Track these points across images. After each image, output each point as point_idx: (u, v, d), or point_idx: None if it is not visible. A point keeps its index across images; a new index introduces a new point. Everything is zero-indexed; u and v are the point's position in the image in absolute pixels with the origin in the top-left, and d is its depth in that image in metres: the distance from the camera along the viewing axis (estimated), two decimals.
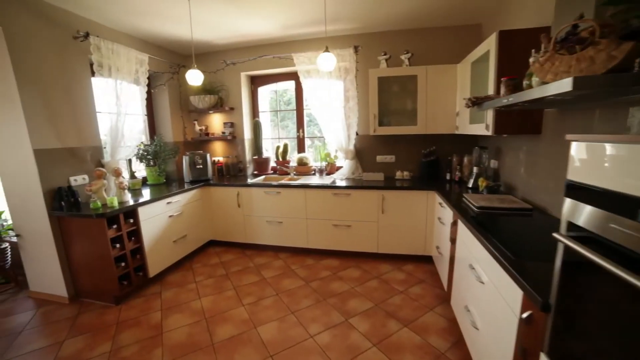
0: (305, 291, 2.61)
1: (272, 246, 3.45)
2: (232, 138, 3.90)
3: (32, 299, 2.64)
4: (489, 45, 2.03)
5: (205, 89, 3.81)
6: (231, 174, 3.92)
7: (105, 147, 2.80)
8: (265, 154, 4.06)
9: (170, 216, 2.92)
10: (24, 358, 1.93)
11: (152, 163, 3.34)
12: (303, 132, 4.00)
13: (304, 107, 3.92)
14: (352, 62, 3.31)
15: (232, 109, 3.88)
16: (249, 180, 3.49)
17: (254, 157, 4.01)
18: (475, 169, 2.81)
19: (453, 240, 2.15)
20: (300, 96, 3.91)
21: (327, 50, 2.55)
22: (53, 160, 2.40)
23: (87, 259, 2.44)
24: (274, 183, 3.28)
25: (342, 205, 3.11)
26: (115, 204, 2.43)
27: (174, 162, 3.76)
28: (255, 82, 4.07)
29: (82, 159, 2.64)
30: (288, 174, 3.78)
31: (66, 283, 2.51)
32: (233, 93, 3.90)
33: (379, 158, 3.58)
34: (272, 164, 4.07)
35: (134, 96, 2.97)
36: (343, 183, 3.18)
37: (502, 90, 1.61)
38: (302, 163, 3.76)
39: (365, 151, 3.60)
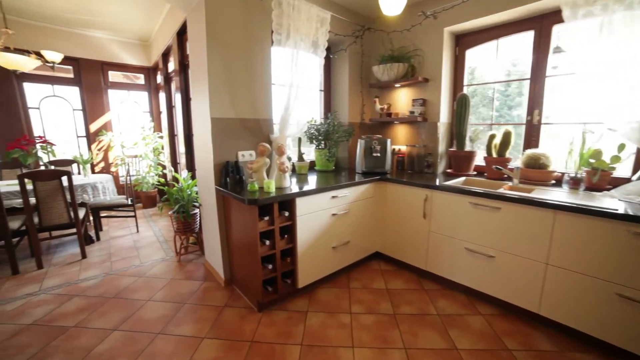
0: None
1: (467, 288, 2.20)
2: (422, 120, 2.85)
3: (205, 268, 2.68)
4: None
5: (393, 56, 2.93)
6: (415, 170, 2.89)
7: (275, 123, 2.44)
8: (468, 146, 2.75)
9: (333, 214, 2.26)
10: (170, 342, 1.75)
11: (322, 145, 2.81)
12: (540, 114, 2.40)
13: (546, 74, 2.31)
14: None
15: (426, 80, 2.82)
16: (446, 182, 2.35)
17: (451, 150, 2.80)
18: None
19: None
20: (542, 56, 2.32)
21: None
22: (226, 131, 2.19)
23: (240, 248, 2.12)
24: (493, 192, 1.97)
25: None
26: (272, 189, 1.94)
27: (346, 147, 3.14)
28: (462, 42, 2.80)
29: (253, 133, 2.35)
30: (507, 179, 2.36)
31: (224, 265, 2.33)
32: (429, 59, 2.81)
33: None
34: (478, 161, 2.72)
35: (310, 68, 2.47)
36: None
37: None
38: (536, 164, 2.22)
39: None
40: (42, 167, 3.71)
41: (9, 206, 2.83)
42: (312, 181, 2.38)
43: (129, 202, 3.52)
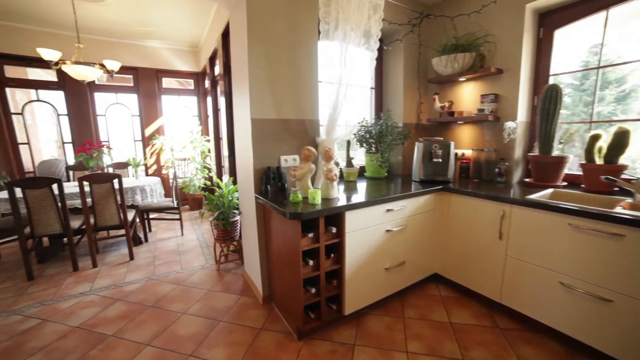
0: None
1: (562, 334, 1.70)
2: (493, 119, 2.39)
3: (243, 280, 2.53)
4: None
5: (457, 45, 2.51)
6: (482, 178, 2.43)
7: (322, 125, 2.19)
8: (556, 150, 2.22)
9: (387, 231, 1.93)
10: None
11: (373, 149, 2.49)
12: None
13: None
14: None
15: (499, 71, 2.35)
16: (530, 195, 1.88)
17: (531, 155, 2.28)
18: None
19: None
20: None
21: None
22: (267, 133, 1.99)
23: (280, 265, 1.89)
24: (612, 212, 1.47)
25: None
26: (318, 200, 1.68)
27: (400, 151, 2.78)
28: (549, 20, 2.27)
29: (297, 135, 2.12)
30: (620, 193, 1.81)
31: (262, 280, 2.13)
32: (504, 45, 2.34)
33: None
34: (567, 170, 2.18)
35: (360, 62, 2.18)
36: None
37: None
38: None
39: None
40: (106, 170, 3.94)
41: (71, 206, 2.98)
42: (362, 190, 2.08)
43: (175, 205, 3.55)
